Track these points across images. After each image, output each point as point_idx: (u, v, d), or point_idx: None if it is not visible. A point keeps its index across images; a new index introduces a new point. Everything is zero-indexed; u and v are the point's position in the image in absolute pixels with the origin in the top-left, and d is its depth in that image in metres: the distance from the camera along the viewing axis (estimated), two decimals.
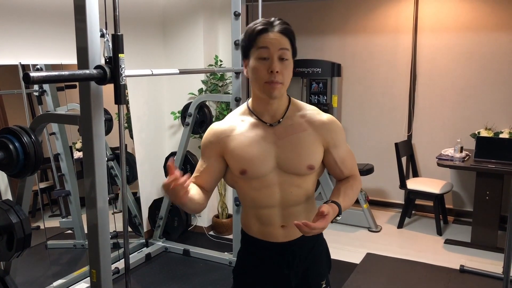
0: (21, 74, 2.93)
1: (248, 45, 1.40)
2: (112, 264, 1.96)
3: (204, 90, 4.12)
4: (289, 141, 1.44)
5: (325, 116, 1.49)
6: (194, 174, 1.51)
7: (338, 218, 1.38)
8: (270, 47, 1.35)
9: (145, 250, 3.85)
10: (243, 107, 1.52)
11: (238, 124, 1.48)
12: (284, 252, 1.51)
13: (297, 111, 1.48)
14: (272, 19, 1.40)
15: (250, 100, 1.51)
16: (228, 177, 1.53)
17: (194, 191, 1.42)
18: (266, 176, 1.43)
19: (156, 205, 4.06)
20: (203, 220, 4.35)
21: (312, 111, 1.50)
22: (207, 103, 3.88)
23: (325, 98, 5.03)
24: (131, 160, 3.87)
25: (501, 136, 4.13)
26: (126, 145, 3.55)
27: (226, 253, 3.74)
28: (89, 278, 1.86)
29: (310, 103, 5.00)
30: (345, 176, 1.54)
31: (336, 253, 3.86)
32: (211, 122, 3.62)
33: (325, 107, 4.74)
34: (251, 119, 1.47)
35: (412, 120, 4.82)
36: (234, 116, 1.51)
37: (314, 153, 1.45)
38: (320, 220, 1.30)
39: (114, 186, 3.77)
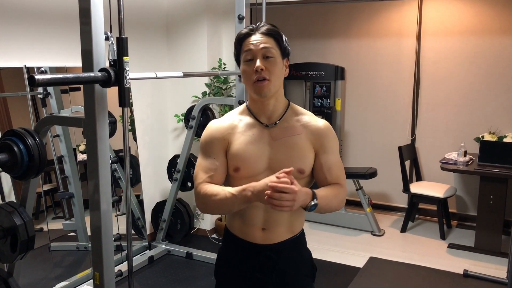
0: (25, 77, 2.94)
1: (237, 52, 1.49)
2: (115, 266, 1.96)
3: (207, 93, 4.12)
4: (282, 143, 1.46)
5: (321, 122, 1.51)
6: (208, 175, 1.46)
7: (311, 203, 1.34)
8: (252, 48, 1.42)
9: (148, 253, 3.85)
10: (242, 107, 1.56)
11: (237, 122, 1.51)
12: (259, 255, 1.50)
13: (294, 116, 1.51)
14: (258, 23, 1.48)
15: (248, 101, 1.54)
16: None
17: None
18: (256, 176, 1.43)
19: (159, 208, 4.06)
20: (206, 223, 4.34)
21: (309, 116, 1.53)
22: (210, 106, 3.89)
23: (329, 101, 5.02)
24: (134, 163, 3.88)
25: (505, 140, 4.12)
26: (129, 147, 3.56)
27: None
28: (92, 280, 1.86)
29: (314, 106, 5.07)
30: (328, 183, 1.50)
31: (339, 257, 3.85)
32: None
33: (329, 111, 4.74)
34: (248, 119, 1.51)
35: (415, 123, 4.82)
36: (233, 115, 1.54)
37: (306, 157, 1.47)
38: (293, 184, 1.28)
39: (117, 189, 3.77)
